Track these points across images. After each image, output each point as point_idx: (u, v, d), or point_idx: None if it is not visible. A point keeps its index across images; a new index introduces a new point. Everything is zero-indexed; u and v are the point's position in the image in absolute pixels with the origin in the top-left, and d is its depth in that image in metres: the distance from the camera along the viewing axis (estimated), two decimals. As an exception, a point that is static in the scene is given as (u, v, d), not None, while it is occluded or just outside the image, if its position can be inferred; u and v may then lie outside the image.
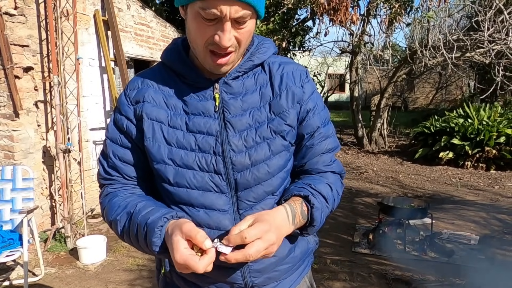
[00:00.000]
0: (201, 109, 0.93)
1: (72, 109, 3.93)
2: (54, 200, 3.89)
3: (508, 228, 4.07)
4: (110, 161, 0.99)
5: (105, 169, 1.00)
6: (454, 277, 3.03)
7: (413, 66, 8.06)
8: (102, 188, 1.03)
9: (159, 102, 0.95)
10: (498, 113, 7.54)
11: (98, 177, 1.03)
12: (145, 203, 0.91)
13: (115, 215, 0.93)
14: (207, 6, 0.79)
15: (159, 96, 0.95)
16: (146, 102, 0.94)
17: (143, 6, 5.54)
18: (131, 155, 0.98)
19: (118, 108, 0.99)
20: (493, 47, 6.74)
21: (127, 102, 0.97)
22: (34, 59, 3.69)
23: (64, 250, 3.59)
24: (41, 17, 3.74)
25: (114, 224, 0.93)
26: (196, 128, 0.92)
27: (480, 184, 6.06)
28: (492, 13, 6.35)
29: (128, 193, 0.98)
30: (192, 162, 0.91)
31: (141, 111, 0.94)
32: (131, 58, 5.27)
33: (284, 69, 0.99)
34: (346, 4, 5.55)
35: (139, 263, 3.38)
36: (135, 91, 0.97)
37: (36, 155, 3.76)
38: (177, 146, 0.92)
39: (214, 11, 0.79)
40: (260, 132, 0.94)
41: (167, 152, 0.92)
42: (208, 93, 0.94)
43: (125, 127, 0.96)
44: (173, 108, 0.94)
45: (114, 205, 0.94)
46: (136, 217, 0.88)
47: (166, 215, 0.84)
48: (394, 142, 9.74)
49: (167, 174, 0.92)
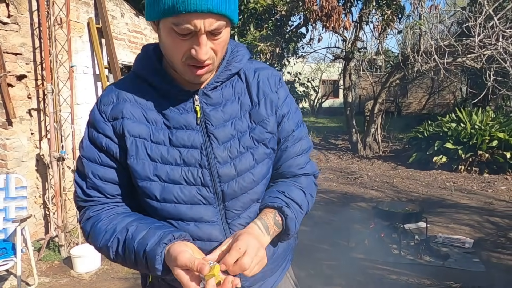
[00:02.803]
0: (182, 122, 0.91)
1: (66, 117, 3.92)
2: (48, 208, 3.86)
3: (502, 231, 4.10)
4: (90, 181, 0.93)
5: (84, 190, 0.94)
6: (449, 281, 3.04)
7: (405, 72, 8.13)
8: (81, 210, 0.97)
9: (139, 117, 0.91)
10: (490, 117, 7.63)
11: (75, 199, 0.97)
12: (136, 226, 0.88)
13: (103, 241, 0.90)
14: (180, 21, 0.78)
15: (138, 111, 0.91)
16: (125, 118, 0.90)
17: (137, 13, 5.56)
18: (113, 173, 0.93)
19: (93, 125, 0.93)
20: (484, 52, 6.83)
21: (103, 118, 0.92)
22: (28, 67, 3.68)
23: (58, 259, 3.56)
24: (34, 25, 3.73)
25: (105, 249, 0.90)
26: (179, 142, 0.91)
27: (474, 188, 6.11)
28: (482, 19, 6.45)
29: (110, 214, 0.93)
30: (179, 177, 0.90)
31: (122, 128, 0.90)
32: (125, 65, 5.27)
33: (259, 76, 1.00)
34: (339, 11, 5.61)
35: (134, 271, 3.35)
36: (110, 106, 0.92)
37: (30, 163, 3.73)
38: (162, 161, 0.90)
39: (188, 26, 0.78)
40: (243, 142, 0.94)
41: (152, 168, 0.90)
42: (188, 106, 0.92)
43: (104, 146, 0.91)
44: (154, 123, 0.91)
45: (100, 230, 0.90)
46: (131, 244, 0.86)
47: (163, 240, 0.83)
48: (388, 147, 9.80)
49: (153, 190, 0.90)
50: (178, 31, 0.80)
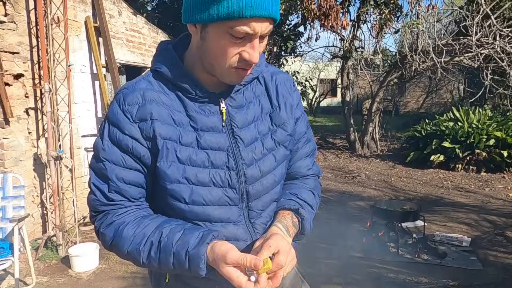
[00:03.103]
0: (209, 124, 0.91)
1: (64, 116, 3.91)
2: (46, 208, 3.85)
3: (499, 230, 4.11)
4: (113, 184, 0.90)
5: (105, 194, 0.91)
6: (447, 279, 3.06)
7: (403, 71, 8.15)
8: (100, 214, 0.94)
9: (167, 119, 0.89)
10: (488, 116, 7.65)
11: (94, 203, 0.93)
12: (169, 227, 0.88)
13: (133, 246, 0.88)
14: (240, 25, 0.79)
15: (165, 112, 0.89)
16: (155, 120, 0.88)
17: (135, 12, 5.55)
18: (137, 176, 0.91)
19: (116, 126, 0.89)
20: (481, 51, 6.85)
21: (129, 119, 0.88)
22: (25, 66, 3.67)
23: (56, 258, 3.55)
24: (31, 24, 3.72)
25: (135, 254, 0.88)
26: (207, 145, 0.91)
27: (471, 187, 6.13)
28: (479, 18, 6.46)
29: (136, 217, 0.91)
30: (207, 179, 0.91)
31: (153, 131, 0.88)
32: (122, 64, 5.26)
33: (277, 79, 1.03)
34: (337, 10, 5.61)
35: (132, 270, 3.35)
36: (136, 106, 0.89)
37: (27, 162, 3.72)
38: (190, 164, 0.90)
39: (247, 30, 0.79)
40: (266, 144, 0.97)
41: (181, 171, 0.89)
42: (214, 108, 0.92)
43: (130, 148, 0.88)
44: (181, 125, 0.90)
45: (127, 235, 0.88)
46: (168, 246, 0.85)
47: (206, 240, 0.84)
48: (386, 146, 9.81)
49: (182, 193, 0.90)
50: (235, 34, 0.80)
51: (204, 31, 0.84)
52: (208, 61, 0.88)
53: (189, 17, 0.84)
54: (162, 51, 0.95)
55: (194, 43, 0.90)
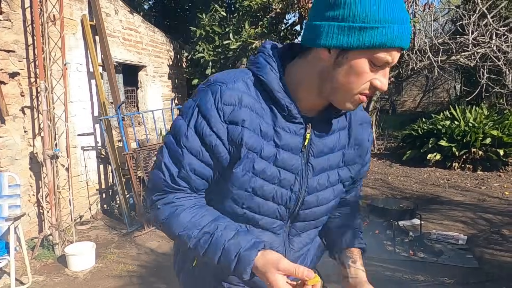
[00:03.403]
0: (291, 145, 0.92)
1: (60, 114, 3.89)
2: (42, 207, 3.84)
3: (495, 228, 4.13)
4: (184, 172, 0.91)
5: (174, 177, 0.92)
6: (443, 277, 3.07)
7: (400, 70, 8.16)
8: (162, 193, 0.95)
9: (255, 128, 0.89)
10: (484, 115, 7.67)
11: (159, 181, 0.94)
12: (225, 224, 0.92)
13: (186, 231, 0.91)
14: (384, 53, 0.79)
15: (256, 121, 0.89)
16: (245, 127, 0.87)
17: (131, 11, 5.53)
18: (207, 171, 0.93)
19: (207, 120, 0.87)
20: (478, 50, 6.87)
21: (220, 118, 0.87)
22: (20, 65, 3.65)
23: (52, 257, 3.54)
24: (27, 22, 3.70)
25: (185, 238, 0.91)
26: (282, 164, 0.92)
27: (467, 185, 6.15)
28: (476, 17, 6.48)
29: (193, 205, 0.95)
30: (270, 194, 0.94)
31: (241, 138, 0.88)
32: (119, 63, 5.24)
33: (361, 119, 1.04)
34: (334, 9, 5.62)
35: (128, 269, 3.34)
36: (230, 107, 0.87)
37: (23, 161, 3.71)
38: (261, 177, 0.92)
39: (388, 58, 0.80)
40: (331, 178, 1.00)
41: (252, 181, 0.91)
42: (300, 131, 0.93)
43: (213, 145, 0.89)
44: (266, 137, 0.90)
45: (183, 219, 0.92)
46: (220, 242, 0.89)
47: (258, 247, 0.87)
48: (383, 145, 9.83)
49: (243, 199, 0.94)
50: (376, 62, 0.81)
51: (342, 57, 0.82)
52: (333, 86, 0.85)
53: (325, 41, 0.81)
54: (269, 58, 0.91)
55: (315, 66, 0.86)
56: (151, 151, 4.51)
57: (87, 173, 4.62)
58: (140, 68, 5.91)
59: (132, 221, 4.38)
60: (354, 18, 0.77)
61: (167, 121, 5.74)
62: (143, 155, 4.35)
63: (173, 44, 6.79)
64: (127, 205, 4.41)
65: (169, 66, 6.62)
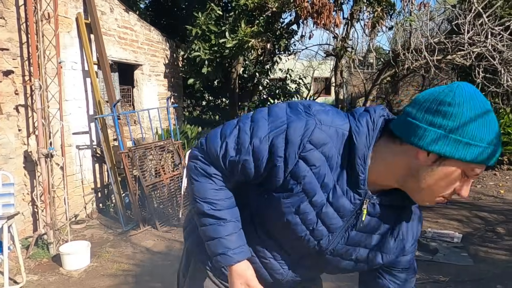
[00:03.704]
0: (340, 208, 0.95)
1: (54, 113, 3.87)
2: (36, 206, 3.82)
3: (490, 226, 4.15)
4: (236, 161, 0.96)
5: (226, 158, 0.97)
6: (438, 275, 3.07)
7: (396, 69, 8.17)
8: (209, 160, 1.01)
9: (320, 177, 0.92)
10: (479, 114, 7.69)
11: (213, 151, 0.98)
12: (232, 219, 1.02)
13: (203, 203, 1.01)
14: (477, 169, 0.84)
15: (324, 171, 0.92)
16: (312, 171, 0.91)
17: (127, 9, 5.51)
18: (252, 176, 0.97)
19: (286, 142, 0.91)
20: (473, 50, 6.89)
21: (298, 149, 0.90)
22: (15, 63, 3.63)
23: (47, 256, 3.52)
24: (21, 20, 3.68)
25: (199, 206, 1.02)
26: (324, 219, 0.96)
27: (463, 184, 6.17)
28: (471, 17, 6.50)
29: (221, 186, 1.02)
30: (299, 235, 0.99)
31: (303, 177, 0.91)
32: (115, 61, 5.22)
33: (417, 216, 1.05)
34: (329, 8, 5.61)
35: (124, 268, 3.33)
36: (311, 146, 0.90)
37: (17, 160, 3.69)
38: (301, 217, 0.96)
39: (478, 172, 0.85)
40: (359, 253, 1.02)
41: (291, 216, 0.96)
42: (356, 201, 0.94)
43: (275, 164, 0.92)
44: (324, 188, 0.93)
45: (208, 193, 1.01)
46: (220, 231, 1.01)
47: (244, 256, 1.02)
48: (379, 144, 9.85)
49: (277, 225, 1.02)
50: (468, 174, 0.85)
51: (439, 163, 0.84)
52: (420, 185, 0.88)
53: (428, 146, 0.83)
54: (370, 124, 0.92)
55: (406, 159, 0.88)
56: (147, 150, 4.50)
57: (82, 172, 4.61)
58: (136, 66, 5.89)
59: (128, 220, 4.37)
60: (463, 133, 0.81)
61: (163, 120, 5.72)
62: (139, 154, 4.34)
63: (169, 42, 6.77)
64: (123, 204, 4.40)
65: (165, 65, 6.60)
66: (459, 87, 0.84)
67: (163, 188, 4.54)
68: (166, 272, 3.21)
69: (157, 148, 4.62)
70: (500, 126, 6.74)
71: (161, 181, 4.52)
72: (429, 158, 0.84)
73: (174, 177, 4.66)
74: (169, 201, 4.55)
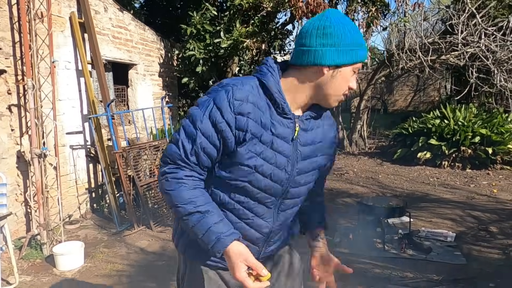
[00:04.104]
0: (284, 135, 1.19)
1: (48, 113, 3.85)
2: (30, 206, 3.79)
3: (483, 225, 4.18)
4: (196, 149, 1.13)
5: (187, 153, 1.14)
6: (432, 274, 3.09)
7: (391, 69, 8.21)
8: (173, 164, 1.16)
9: (257, 120, 1.14)
10: (473, 114, 7.75)
11: (175, 154, 1.15)
12: (213, 210, 1.16)
13: (184, 205, 1.14)
14: (358, 66, 1.16)
15: (258, 114, 1.14)
16: (250, 118, 1.12)
17: (121, 8, 5.48)
18: (213, 151, 1.15)
19: (220, 110, 1.11)
20: (467, 50, 6.94)
21: (230, 109, 1.11)
22: (7, 62, 3.60)
23: (40, 257, 3.50)
24: (14, 19, 3.65)
25: (180, 210, 1.14)
26: (277, 148, 1.18)
27: (457, 183, 6.21)
28: (465, 17, 6.55)
29: (195, 186, 1.17)
30: (268, 172, 1.18)
31: (247, 126, 1.12)
32: (109, 61, 5.20)
33: (330, 122, 1.34)
34: (324, 8, 5.62)
35: (118, 269, 3.32)
36: (239, 102, 1.11)
37: (10, 160, 3.66)
38: (261, 157, 1.16)
39: (359, 66, 1.16)
40: (313, 163, 1.28)
41: (253, 159, 1.15)
42: (291, 125, 1.20)
43: (222, 130, 1.11)
44: (265, 127, 1.15)
45: (185, 195, 1.14)
46: (208, 223, 1.13)
47: (235, 237, 1.14)
48: (374, 144, 9.89)
49: (245, 175, 1.17)
50: (355, 71, 1.16)
51: (336, 71, 1.14)
52: (327, 93, 1.18)
53: (326, 62, 1.12)
54: (270, 68, 1.19)
55: (312, 78, 1.17)
56: (141, 149, 4.48)
57: (76, 172, 4.58)
58: (130, 66, 5.86)
59: (122, 221, 4.35)
60: (347, 44, 1.12)
61: (158, 119, 5.71)
62: (133, 154, 4.33)
63: (164, 42, 6.75)
64: (117, 204, 4.38)
65: (159, 65, 6.58)
66: (330, 13, 1.14)
67: (157, 188, 4.52)
68: (161, 272, 3.21)
69: (151, 148, 4.60)
70: (493, 126, 6.81)
71: (156, 181, 4.50)
72: (330, 70, 1.14)
73: (168, 177, 4.65)
74: (163, 201, 4.53)
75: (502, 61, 6.96)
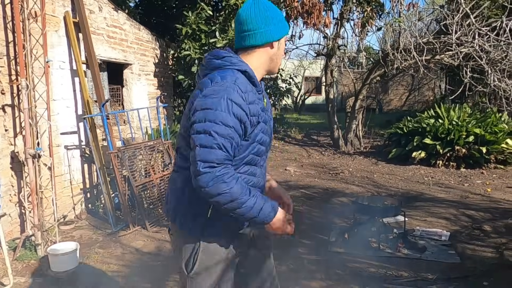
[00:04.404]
0: (264, 108, 1.47)
1: (42, 113, 3.82)
2: (24, 207, 3.76)
3: (477, 224, 4.21)
4: (234, 145, 1.32)
5: (228, 151, 1.30)
6: (426, 273, 3.11)
7: (386, 68, 8.24)
8: (220, 166, 1.29)
9: (255, 103, 1.39)
10: (467, 114, 7.81)
11: (221, 156, 1.29)
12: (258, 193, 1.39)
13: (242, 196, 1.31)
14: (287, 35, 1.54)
15: (255, 99, 1.40)
16: (254, 104, 1.38)
17: (116, 8, 5.46)
18: (239, 141, 1.36)
19: (238, 105, 1.31)
20: (461, 50, 6.98)
21: (244, 101, 1.33)
22: (1, 62, 3.58)
23: (35, 258, 3.48)
24: (7, 18, 3.63)
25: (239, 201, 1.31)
26: (266, 120, 1.47)
27: (451, 182, 6.25)
28: (459, 17, 6.58)
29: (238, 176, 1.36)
30: (265, 142, 1.49)
31: (256, 111, 1.38)
32: (103, 61, 5.17)
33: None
34: (319, 8, 5.64)
35: (113, 269, 3.31)
36: (246, 93, 1.34)
37: (4, 160, 3.63)
38: (262, 132, 1.45)
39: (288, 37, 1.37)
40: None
41: (259, 136, 1.44)
42: (261, 97, 1.48)
43: (245, 121, 1.33)
44: (260, 108, 1.43)
45: (241, 187, 1.32)
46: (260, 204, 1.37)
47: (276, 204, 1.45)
48: (369, 143, 9.92)
49: (254, 149, 1.44)
50: (286, 41, 1.40)
51: (279, 43, 1.48)
52: (277, 62, 1.52)
53: (273, 39, 1.45)
54: (239, 59, 1.43)
55: (266, 54, 1.48)
56: (137, 150, 4.47)
57: (71, 173, 4.56)
58: (125, 66, 5.84)
59: (117, 221, 4.33)
60: (280, 21, 1.47)
61: (153, 119, 5.69)
62: (128, 154, 4.31)
63: (159, 42, 6.73)
64: (112, 205, 4.36)
65: (155, 64, 6.56)
66: (254, 1, 1.43)
67: (153, 188, 4.51)
68: (156, 272, 3.20)
69: (147, 148, 4.59)
70: (487, 125, 6.87)
71: (151, 181, 4.49)
72: (275, 44, 1.47)
73: (164, 177, 4.64)
74: (159, 201, 4.52)
75: (496, 61, 7.01)
